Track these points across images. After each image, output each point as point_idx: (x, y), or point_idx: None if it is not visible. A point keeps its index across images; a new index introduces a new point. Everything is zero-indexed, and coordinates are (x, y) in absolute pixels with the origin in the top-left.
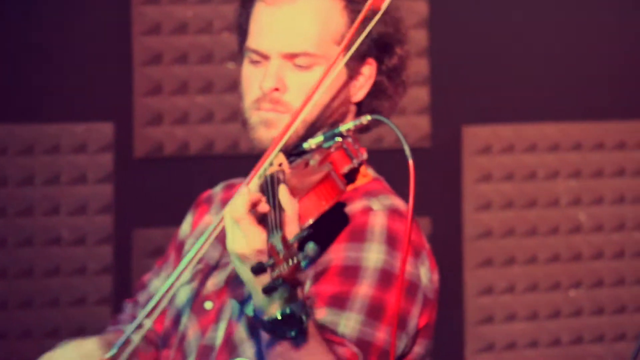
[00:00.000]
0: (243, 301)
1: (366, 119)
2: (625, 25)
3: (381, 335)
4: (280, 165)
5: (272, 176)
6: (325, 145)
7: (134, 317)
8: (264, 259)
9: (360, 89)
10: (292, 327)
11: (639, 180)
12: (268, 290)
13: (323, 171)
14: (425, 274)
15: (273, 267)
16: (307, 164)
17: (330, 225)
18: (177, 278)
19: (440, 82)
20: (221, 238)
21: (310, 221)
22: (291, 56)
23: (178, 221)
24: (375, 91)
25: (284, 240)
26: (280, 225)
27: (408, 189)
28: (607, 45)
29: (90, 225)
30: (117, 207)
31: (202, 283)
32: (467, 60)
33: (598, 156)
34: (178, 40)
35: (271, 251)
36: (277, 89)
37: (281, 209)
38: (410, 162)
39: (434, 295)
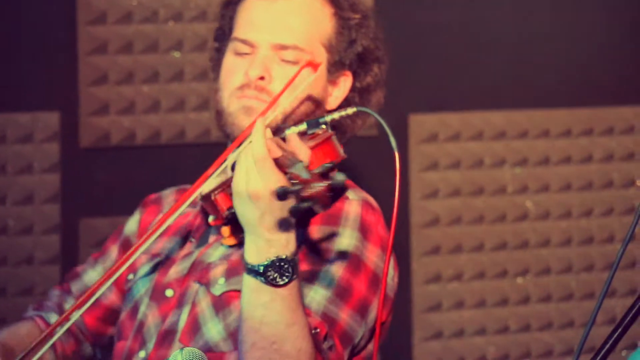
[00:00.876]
0: (208, 283)
1: (352, 110)
2: (570, 12)
3: (344, 316)
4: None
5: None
6: (310, 132)
7: (59, 306)
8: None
9: (335, 99)
10: (283, 275)
11: (585, 168)
12: (295, 211)
13: (325, 135)
14: (390, 272)
15: (300, 190)
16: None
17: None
18: (113, 274)
19: (387, 71)
20: (180, 232)
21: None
22: (281, 47)
23: (125, 210)
24: (346, 102)
25: (308, 168)
26: (298, 161)
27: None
28: (552, 33)
29: (36, 215)
30: (63, 197)
31: (162, 274)
32: (413, 49)
33: (544, 144)
34: (123, 30)
35: (296, 178)
36: (262, 78)
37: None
38: (396, 154)
39: (393, 295)
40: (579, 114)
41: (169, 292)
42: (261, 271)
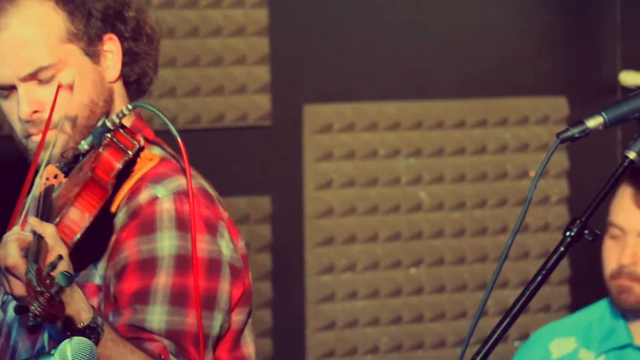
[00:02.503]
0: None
1: (128, 108)
2: (463, 4)
3: (191, 320)
4: (56, 177)
5: (42, 194)
6: (98, 142)
7: None
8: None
9: (112, 67)
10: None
11: (479, 159)
12: (32, 331)
13: (84, 179)
14: (227, 245)
15: (28, 304)
16: (81, 169)
17: (108, 225)
18: None
19: (281, 61)
20: None
21: (78, 236)
22: (31, 76)
23: None
24: (130, 59)
25: (38, 274)
26: (37, 256)
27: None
28: (446, 25)
29: None
30: None
31: None
32: (308, 39)
33: (438, 135)
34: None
35: (28, 288)
36: (36, 111)
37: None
38: (180, 141)
39: (242, 263)
40: (473, 105)
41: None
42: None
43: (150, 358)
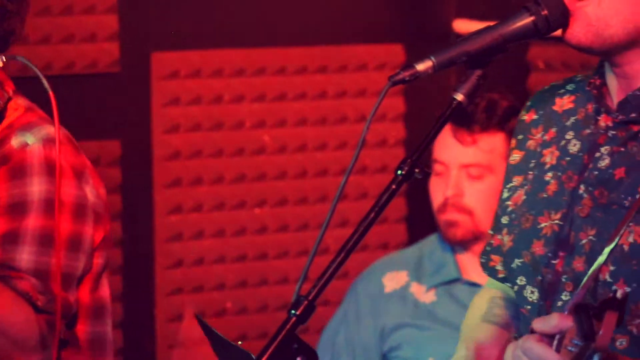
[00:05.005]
0: None
1: (2, 60)
2: None
3: (58, 261)
4: None
5: None
6: None
7: None
8: None
9: None
10: None
11: (319, 103)
12: None
13: None
14: (91, 191)
15: None
16: None
17: None
18: None
19: (129, 10)
20: None
21: None
22: None
23: None
24: (0, 17)
25: None
26: None
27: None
28: None
29: None
30: None
31: None
32: None
33: (281, 80)
34: None
35: None
36: None
37: None
38: (51, 93)
39: (104, 209)
40: (314, 52)
41: None
42: None
43: (18, 295)
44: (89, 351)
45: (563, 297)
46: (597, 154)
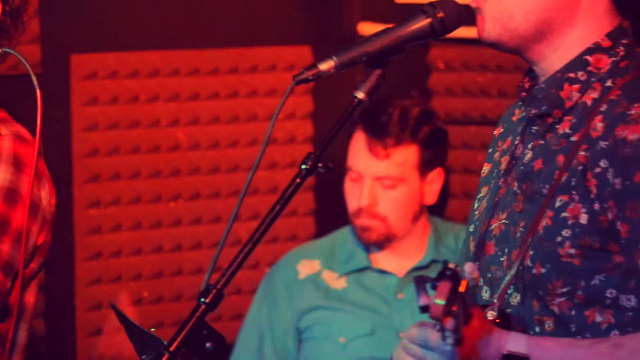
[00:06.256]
0: None
1: None
2: None
3: (5, 248)
4: None
5: None
6: None
7: None
8: None
9: None
10: None
11: (231, 102)
12: None
13: None
14: (46, 196)
15: None
16: None
17: None
18: None
19: (49, 14)
20: None
21: None
22: None
23: None
24: None
25: None
26: None
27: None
28: None
29: None
30: None
31: None
32: None
33: (194, 81)
34: None
35: None
36: None
37: None
38: (38, 91)
39: (50, 217)
40: (226, 53)
41: None
42: None
43: None
44: None
45: (509, 292)
46: (526, 151)
